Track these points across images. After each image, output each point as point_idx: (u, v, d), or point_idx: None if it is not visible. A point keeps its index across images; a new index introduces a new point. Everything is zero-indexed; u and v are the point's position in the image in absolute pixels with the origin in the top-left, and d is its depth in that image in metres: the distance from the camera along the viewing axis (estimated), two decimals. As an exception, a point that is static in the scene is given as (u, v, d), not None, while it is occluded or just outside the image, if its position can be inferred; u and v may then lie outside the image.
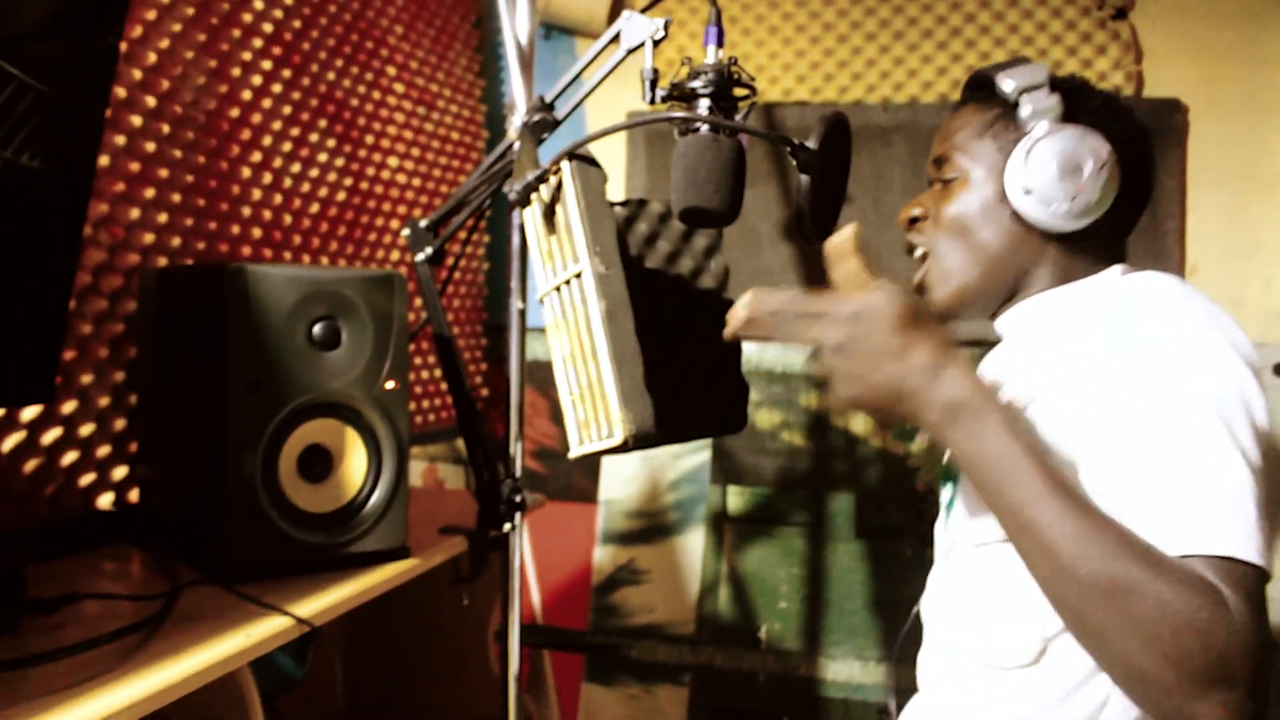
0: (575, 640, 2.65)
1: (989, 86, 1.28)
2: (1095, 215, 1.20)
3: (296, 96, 1.92)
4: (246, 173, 1.78)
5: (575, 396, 1.18)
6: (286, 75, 1.88)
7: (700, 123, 1.23)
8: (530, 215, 1.24)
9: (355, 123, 2.11)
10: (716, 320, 1.58)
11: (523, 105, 1.41)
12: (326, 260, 2.01)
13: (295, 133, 1.91)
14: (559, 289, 1.19)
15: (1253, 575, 0.93)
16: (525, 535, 2.49)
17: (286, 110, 1.89)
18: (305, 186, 1.94)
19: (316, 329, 1.26)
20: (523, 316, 1.47)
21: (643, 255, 1.51)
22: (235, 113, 1.75)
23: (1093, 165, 1.18)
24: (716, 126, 1.22)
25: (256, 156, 1.81)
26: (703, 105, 1.25)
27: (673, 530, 2.61)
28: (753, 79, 1.27)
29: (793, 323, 1.05)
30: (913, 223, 1.33)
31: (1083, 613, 0.93)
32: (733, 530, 2.57)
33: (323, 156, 2.00)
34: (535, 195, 1.23)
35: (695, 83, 1.25)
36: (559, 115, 1.43)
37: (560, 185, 1.18)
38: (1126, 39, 2.31)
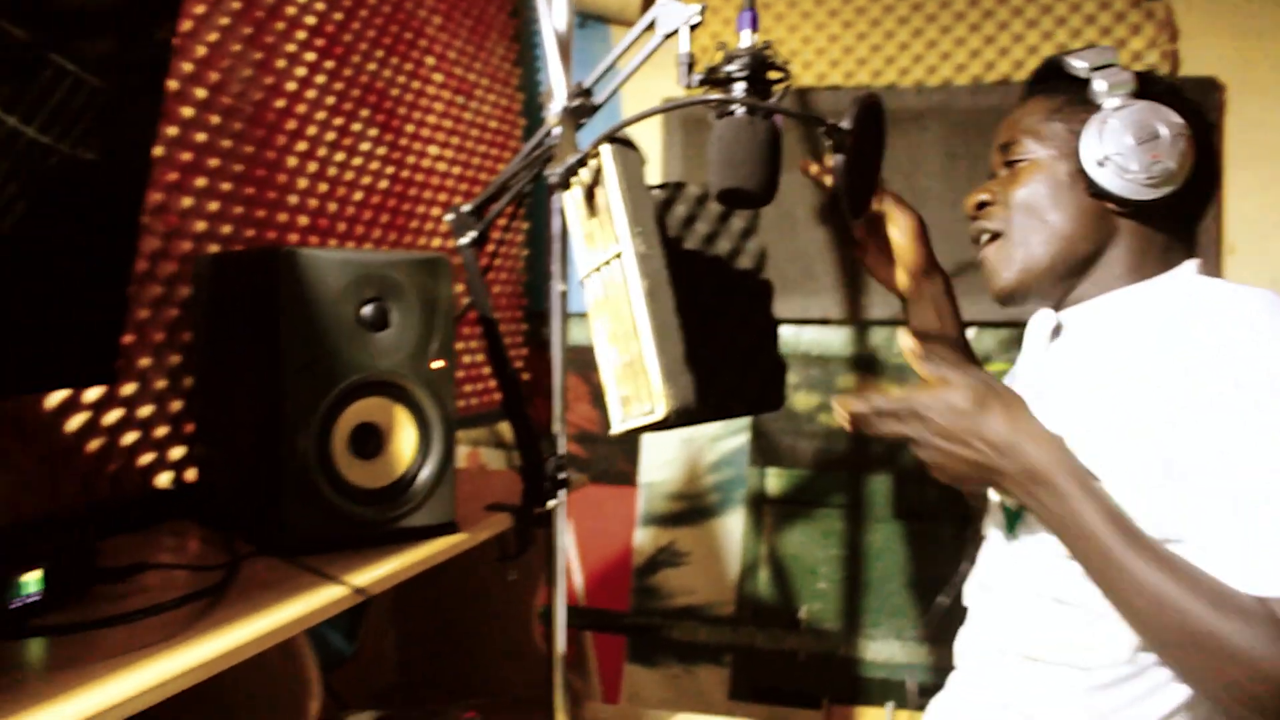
0: (617, 621, 2.69)
1: (1054, 77, 1.29)
2: (1173, 186, 1.19)
3: (339, 87, 1.96)
4: (293, 161, 1.83)
5: (617, 374, 1.21)
6: (330, 66, 1.92)
7: (736, 105, 1.26)
8: (571, 198, 1.28)
9: (396, 112, 2.15)
10: (754, 300, 1.61)
11: (561, 92, 1.44)
12: (370, 245, 2.06)
13: (339, 122, 1.95)
14: (600, 269, 1.23)
15: None
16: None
17: (330, 100, 1.93)
18: (349, 174, 1.99)
19: (366, 310, 1.30)
20: (564, 299, 1.50)
21: (681, 237, 1.54)
22: (281, 103, 1.80)
23: (1169, 133, 1.18)
24: (752, 109, 1.25)
25: (302, 145, 1.85)
26: (738, 89, 1.28)
27: (712, 512, 2.64)
28: (787, 63, 1.30)
29: (884, 421, 1.19)
30: (980, 208, 1.34)
31: (1164, 653, 1.05)
32: (772, 512, 2.60)
33: (365, 145, 2.04)
34: (575, 178, 1.26)
35: (731, 66, 1.27)
36: (597, 101, 1.46)
37: (600, 168, 1.21)
38: (1162, 17, 2.31)
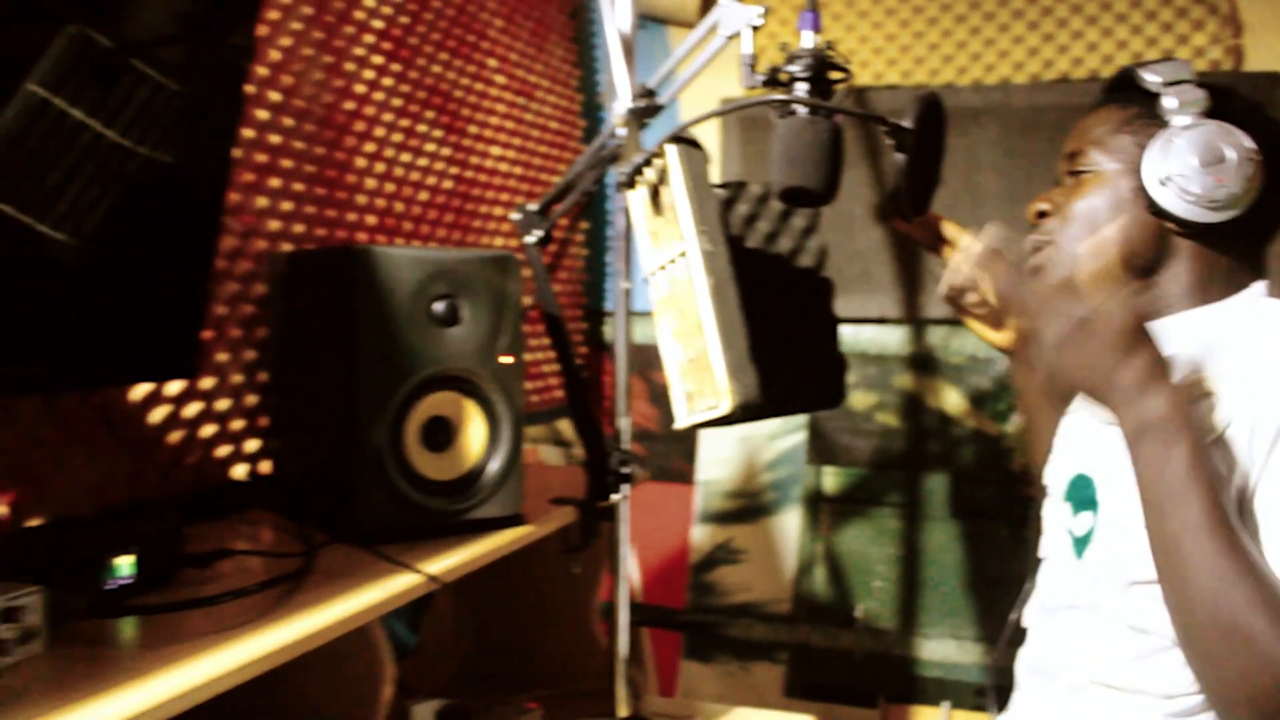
0: (674, 618, 2.71)
1: (1129, 86, 1.27)
2: (1235, 210, 1.17)
3: (405, 89, 2.00)
4: (361, 162, 1.87)
5: (682, 370, 1.24)
6: (396, 69, 1.97)
7: (798, 105, 1.28)
8: (636, 197, 1.30)
9: (460, 113, 2.20)
10: (815, 297, 1.63)
11: (626, 93, 1.47)
12: (434, 244, 2.10)
13: (405, 124, 2.00)
14: (666, 267, 1.25)
15: None
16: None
17: (397, 102, 1.97)
18: (415, 175, 2.03)
19: (438, 306, 1.34)
20: (628, 296, 1.53)
21: (743, 235, 1.56)
22: (350, 106, 1.84)
23: (1236, 157, 1.16)
24: (814, 109, 1.27)
25: (370, 147, 1.89)
26: (800, 89, 1.29)
27: (769, 510, 2.65)
28: (847, 63, 1.31)
29: (1023, 294, 1.12)
30: (1040, 216, 1.34)
31: (1200, 639, 1.03)
32: (828, 510, 2.61)
33: (430, 146, 2.09)
34: (641, 178, 1.29)
35: (793, 67, 1.29)
36: (661, 101, 1.49)
37: (666, 168, 1.24)
38: (1225, 12, 2.28)
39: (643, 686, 2.57)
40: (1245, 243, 1.24)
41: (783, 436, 2.64)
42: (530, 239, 1.53)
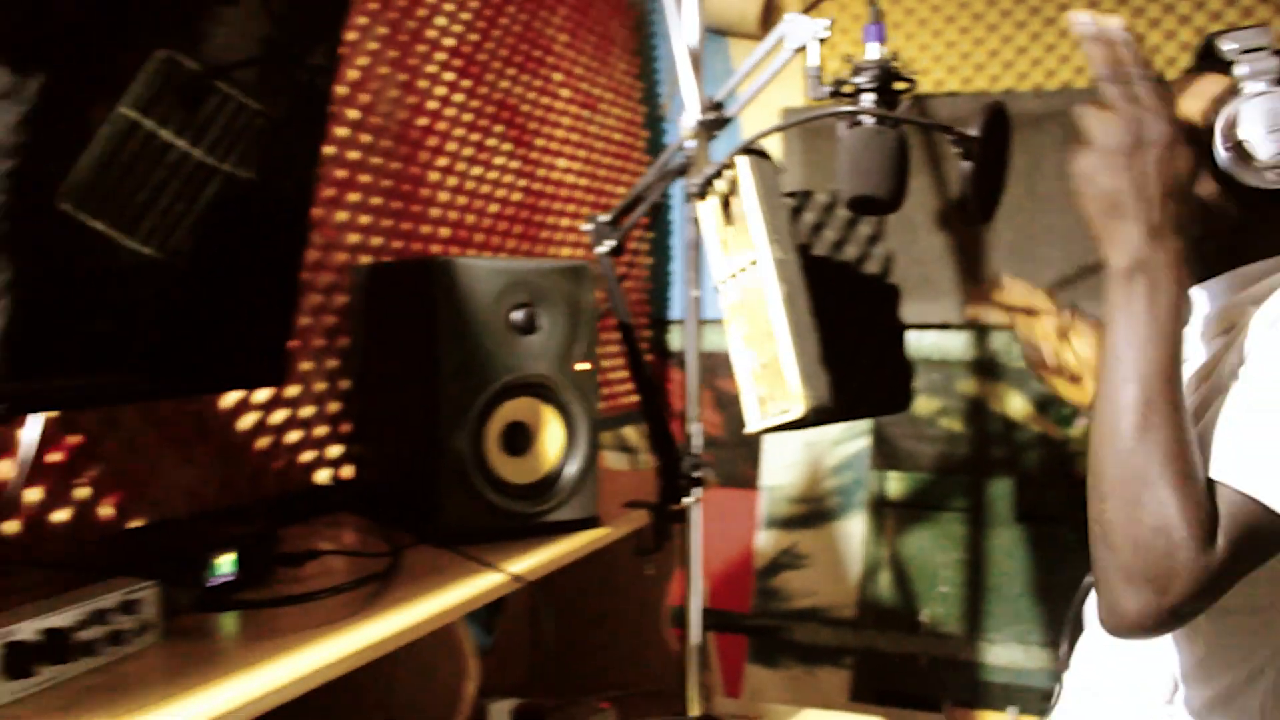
0: (739, 622, 2.74)
1: (1210, 55, 1.27)
2: None
3: (475, 104, 2.06)
4: (434, 175, 1.93)
5: (754, 375, 1.27)
6: (466, 85, 2.02)
7: (865, 116, 1.31)
8: (707, 207, 1.34)
9: (527, 127, 2.25)
10: (881, 304, 1.65)
11: (694, 105, 1.51)
12: (504, 255, 2.15)
13: (475, 138, 2.05)
14: (737, 275, 1.28)
15: (1263, 519, 0.98)
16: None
17: (467, 118, 2.03)
18: (485, 187, 2.09)
19: (516, 315, 1.38)
20: (697, 304, 1.56)
21: (810, 243, 1.59)
22: (423, 121, 1.90)
23: None
24: (881, 119, 1.30)
25: (442, 161, 1.95)
26: (866, 99, 1.32)
27: (833, 515, 2.67)
28: (914, 73, 1.34)
29: (1126, 86, 1.10)
30: None
31: (1106, 478, 1.03)
32: (893, 515, 2.62)
33: (499, 159, 2.14)
34: (712, 189, 1.32)
35: (859, 78, 1.32)
36: (728, 114, 1.53)
37: (737, 178, 1.27)
38: (1292, 13, 2.28)
39: (710, 689, 2.59)
40: None
41: (847, 442, 2.65)
42: (602, 249, 1.57)
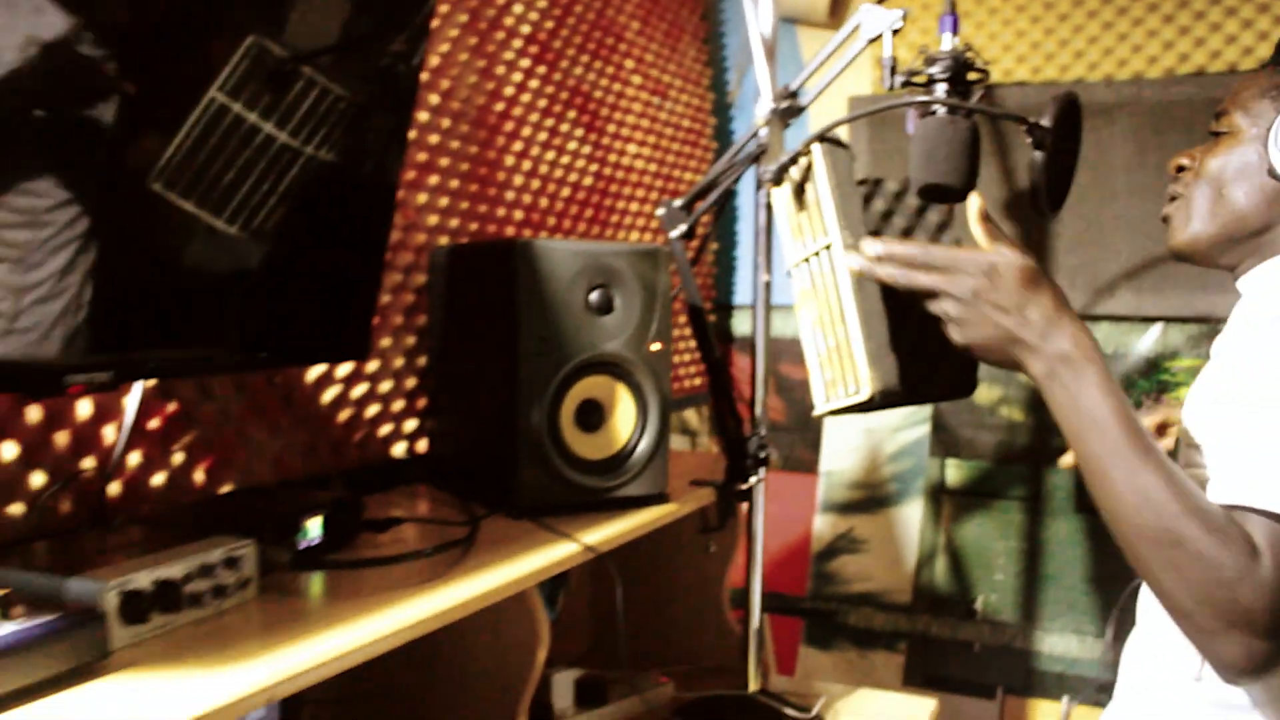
0: (795, 605, 2.77)
1: None
2: None
3: (549, 91, 2.10)
4: (509, 160, 1.98)
5: (823, 358, 1.30)
6: (541, 72, 2.07)
7: (938, 106, 1.33)
8: (780, 193, 1.37)
9: (599, 113, 2.29)
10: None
11: (768, 94, 1.54)
12: (575, 238, 2.20)
13: (549, 124, 2.10)
14: (808, 260, 1.32)
15: None
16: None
17: (541, 104, 2.07)
18: (558, 172, 2.13)
19: (593, 296, 1.43)
20: (768, 289, 1.60)
21: (880, 230, 1.61)
22: (500, 107, 1.95)
23: None
24: (953, 109, 1.32)
25: (517, 146, 2.00)
26: (940, 90, 1.34)
27: (891, 501, 2.69)
28: (987, 63, 1.36)
29: (921, 272, 1.17)
30: (1180, 170, 1.37)
31: (1138, 555, 1.07)
32: (950, 502, 2.64)
33: (572, 144, 2.19)
34: (786, 175, 1.35)
35: (933, 69, 1.34)
36: (802, 103, 1.56)
37: (811, 165, 1.31)
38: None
39: (766, 667, 2.63)
40: None
41: (906, 429, 2.67)
42: (675, 233, 1.61)
